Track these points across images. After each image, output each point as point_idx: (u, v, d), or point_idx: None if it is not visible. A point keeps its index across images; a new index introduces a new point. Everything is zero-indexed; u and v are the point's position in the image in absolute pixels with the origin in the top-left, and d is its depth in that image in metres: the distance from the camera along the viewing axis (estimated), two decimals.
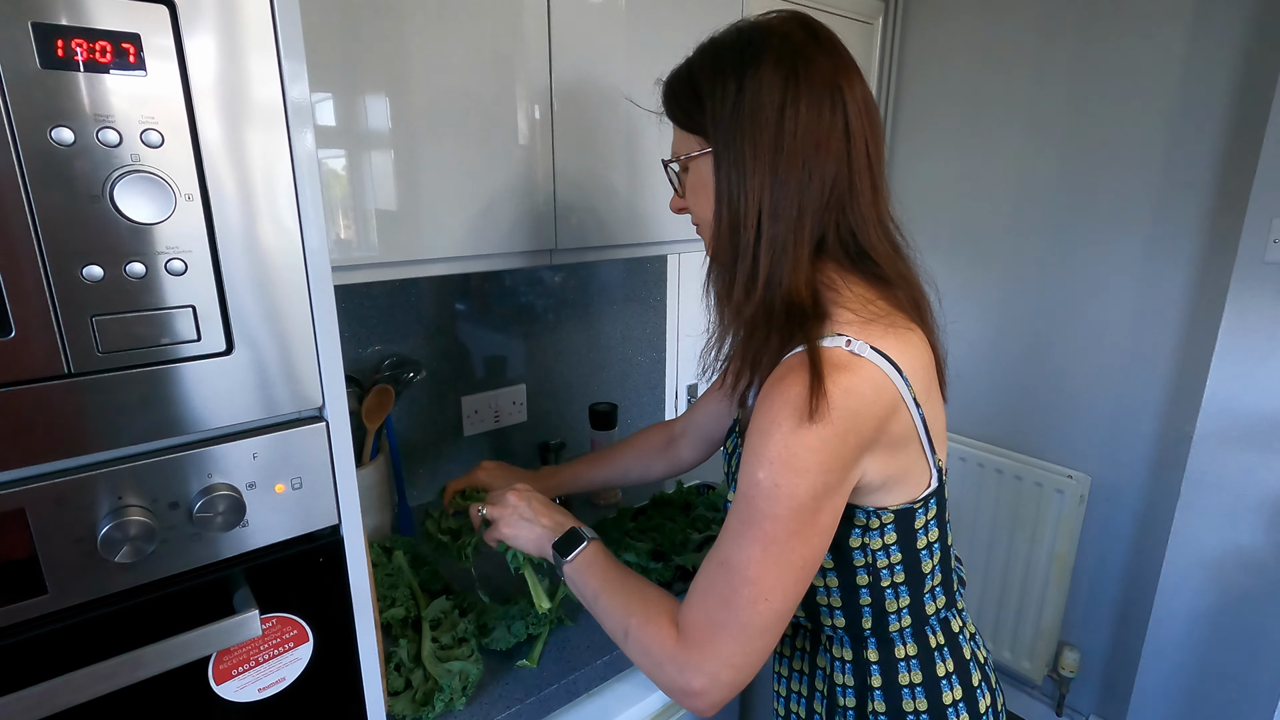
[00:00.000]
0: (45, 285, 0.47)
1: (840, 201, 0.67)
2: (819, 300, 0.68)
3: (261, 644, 0.62)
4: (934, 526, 0.74)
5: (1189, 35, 1.53)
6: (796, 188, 0.65)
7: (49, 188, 0.46)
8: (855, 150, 0.66)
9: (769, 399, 0.63)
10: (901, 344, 0.66)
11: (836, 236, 0.68)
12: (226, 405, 0.56)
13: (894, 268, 0.70)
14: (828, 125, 0.65)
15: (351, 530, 0.65)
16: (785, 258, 0.66)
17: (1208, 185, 1.55)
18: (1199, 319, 1.61)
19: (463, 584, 1.09)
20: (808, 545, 0.63)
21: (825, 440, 0.61)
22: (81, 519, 0.51)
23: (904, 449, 0.67)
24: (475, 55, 0.93)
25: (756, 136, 0.65)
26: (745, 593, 0.63)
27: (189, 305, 0.53)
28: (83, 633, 0.53)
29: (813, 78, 0.65)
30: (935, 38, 1.96)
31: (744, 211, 0.66)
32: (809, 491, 0.61)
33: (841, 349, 0.63)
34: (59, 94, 0.46)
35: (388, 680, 0.84)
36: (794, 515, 0.62)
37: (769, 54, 0.65)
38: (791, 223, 0.65)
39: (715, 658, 0.64)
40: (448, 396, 1.40)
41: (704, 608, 0.65)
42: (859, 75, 0.68)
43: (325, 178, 0.87)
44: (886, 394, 0.64)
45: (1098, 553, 1.88)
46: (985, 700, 0.78)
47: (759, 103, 0.64)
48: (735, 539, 0.64)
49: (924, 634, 0.76)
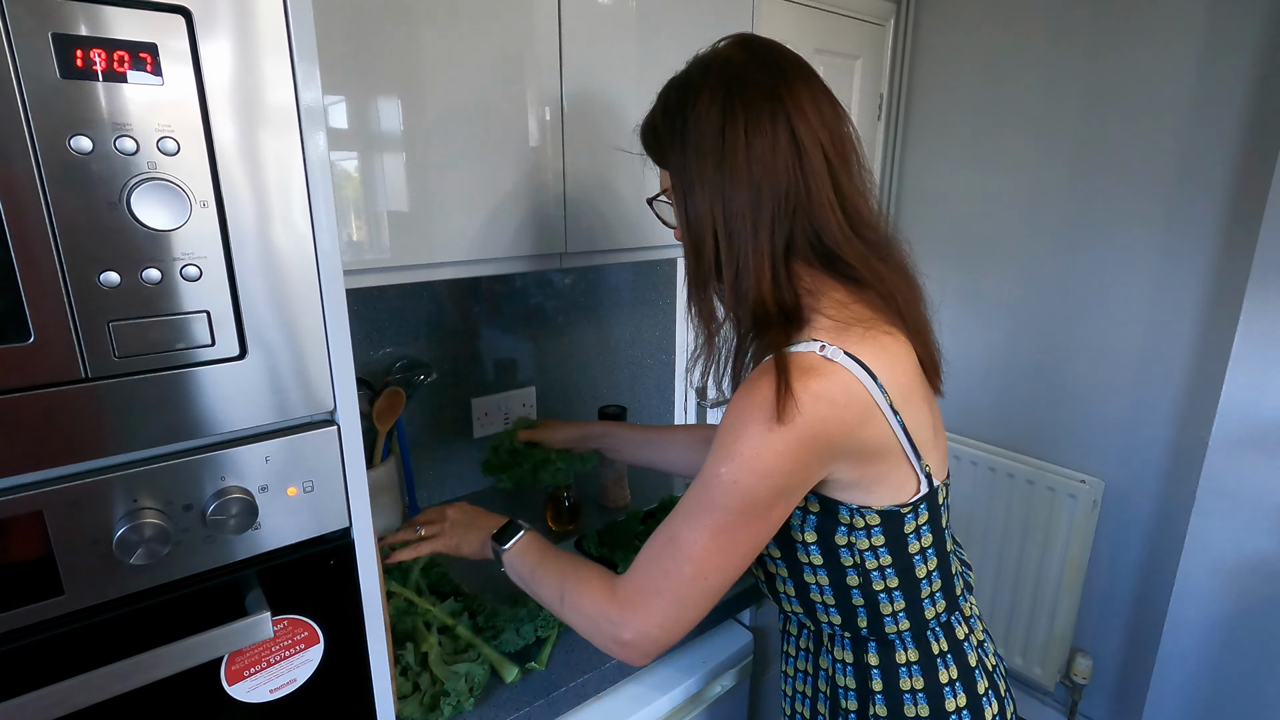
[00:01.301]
0: (63, 291, 0.48)
1: (799, 207, 0.68)
2: (799, 307, 0.70)
3: (273, 645, 0.63)
4: (927, 532, 0.74)
5: (1203, 40, 1.51)
6: (747, 203, 0.67)
7: (68, 195, 0.47)
8: (807, 156, 0.67)
9: (740, 400, 0.66)
10: (877, 349, 0.67)
11: (804, 240, 0.69)
12: (240, 409, 0.57)
13: (867, 266, 0.70)
14: (770, 139, 0.66)
15: (362, 533, 0.66)
16: (746, 271, 0.68)
17: (1222, 190, 1.54)
18: (1214, 323, 1.59)
19: (472, 585, 1.10)
20: (754, 535, 0.68)
21: (790, 445, 0.63)
22: (97, 521, 0.52)
23: (881, 455, 0.69)
24: (486, 60, 0.94)
25: (701, 161, 0.68)
26: (687, 569, 0.68)
27: (204, 311, 0.53)
28: (99, 633, 0.54)
29: (748, 95, 0.67)
30: (947, 40, 1.96)
31: (701, 233, 0.70)
32: (766, 492, 0.65)
33: (815, 354, 0.65)
34: (78, 103, 0.46)
35: (396, 683, 0.84)
36: (747, 510, 0.66)
37: (706, 82, 0.69)
38: (748, 237, 0.68)
39: (648, 618, 0.70)
40: (458, 399, 1.40)
41: (646, 574, 0.71)
42: (806, 81, 0.69)
43: (337, 181, 0.87)
44: (858, 399, 0.65)
45: (1111, 558, 1.87)
46: (992, 708, 0.78)
47: (700, 130, 0.68)
48: (686, 520, 0.69)
49: (925, 639, 0.76)
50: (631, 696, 1.00)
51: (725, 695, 1.11)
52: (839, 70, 1.93)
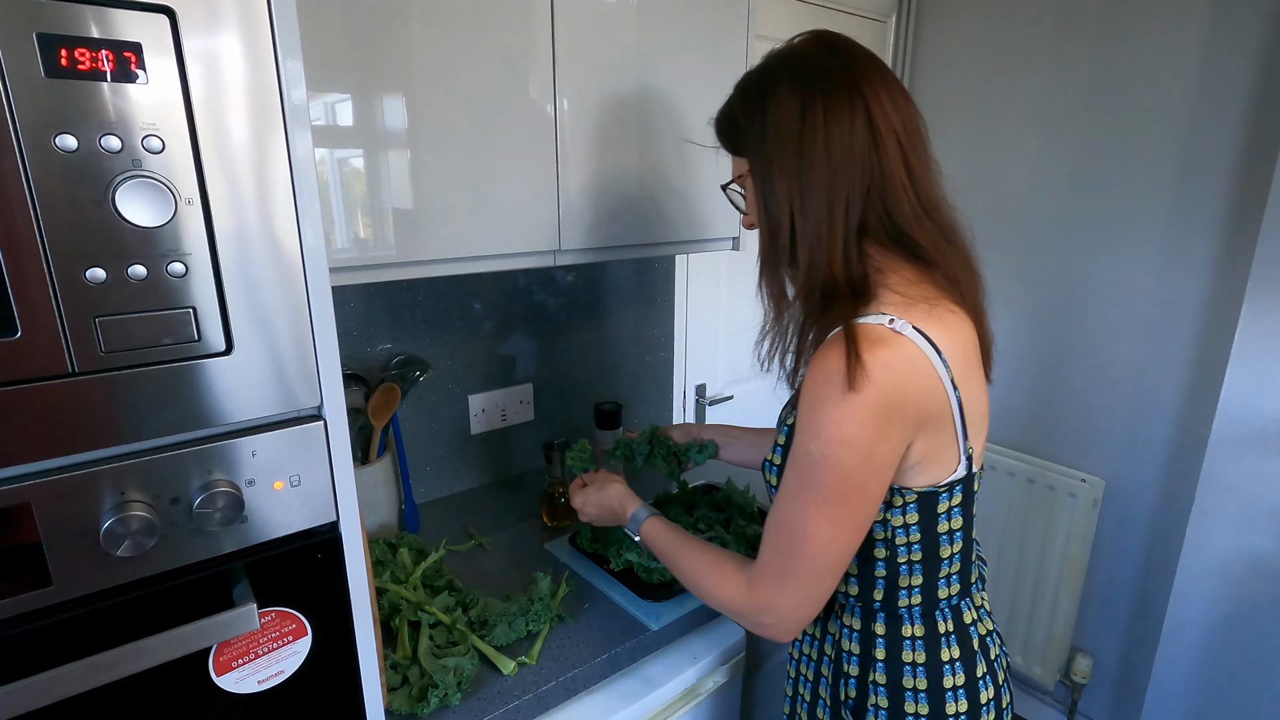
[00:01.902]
0: (50, 287, 0.49)
1: (873, 188, 0.72)
2: (866, 283, 0.73)
3: (261, 637, 0.64)
4: (957, 514, 0.77)
5: (1206, 36, 1.50)
6: (824, 183, 0.71)
7: (53, 193, 0.48)
8: (883, 141, 0.71)
9: (812, 375, 0.69)
10: (942, 326, 0.71)
11: (877, 220, 0.73)
12: (226, 404, 0.57)
13: (935, 246, 0.74)
14: (848, 123, 0.70)
15: (350, 527, 0.67)
16: (820, 248, 0.72)
17: (1224, 189, 1.53)
18: (1215, 322, 1.58)
19: (466, 580, 1.11)
20: (858, 510, 0.70)
21: (865, 411, 0.66)
22: (85, 513, 0.53)
23: (939, 429, 0.72)
24: (483, 58, 0.94)
25: (781, 145, 0.72)
26: (805, 549, 0.71)
27: (189, 307, 0.54)
28: (87, 624, 0.55)
29: (828, 85, 0.71)
30: (949, 36, 1.95)
31: (778, 213, 0.74)
32: (855, 461, 0.68)
33: (883, 326, 0.68)
34: (63, 102, 0.47)
35: (385, 675, 0.85)
36: (842, 483, 0.68)
37: (785, 73, 0.73)
38: (822, 216, 0.71)
39: (784, 602, 0.73)
40: (455, 395, 1.41)
41: (771, 562, 0.74)
42: (881, 73, 0.73)
43: (332, 179, 0.88)
44: (923, 370, 0.68)
45: (1111, 558, 1.86)
46: (988, 693, 0.80)
47: (780, 115, 0.72)
48: (791, 503, 0.72)
49: (933, 617, 0.79)
50: (622, 692, 1.00)
51: (718, 691, 1.12)
52: None
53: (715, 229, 1.31)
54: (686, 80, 1.18)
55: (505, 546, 1.23)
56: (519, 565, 1.17)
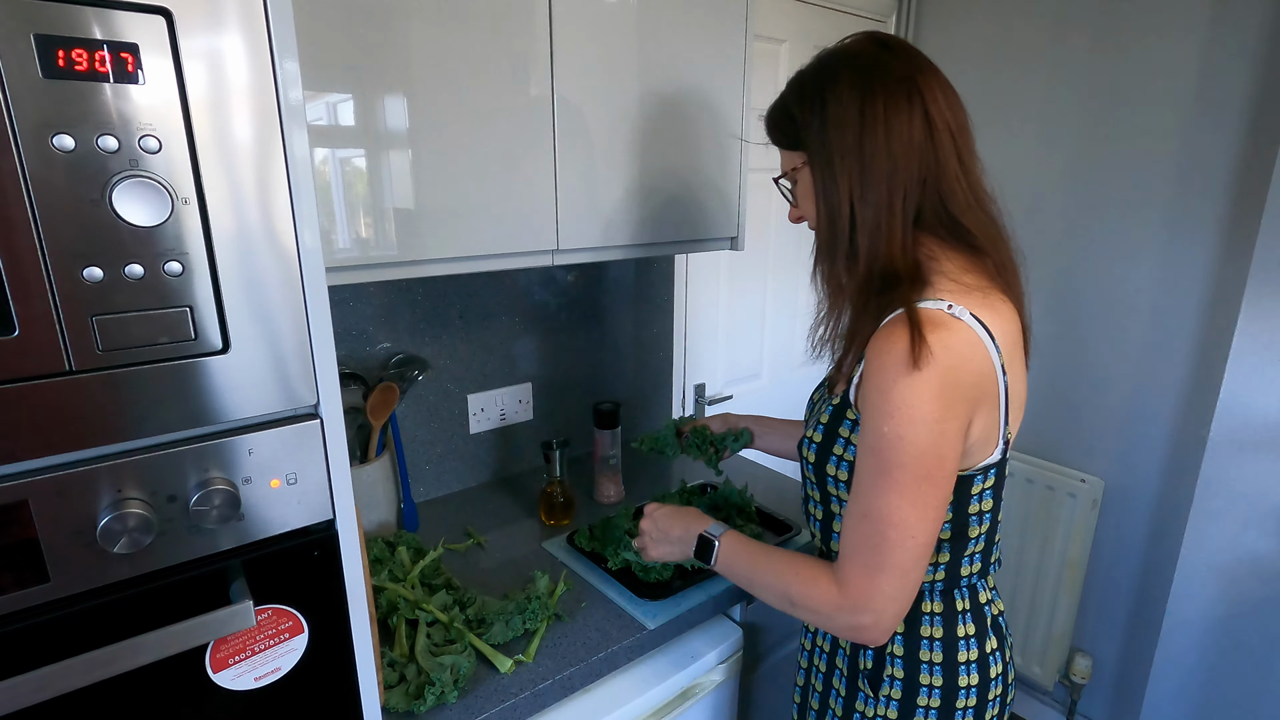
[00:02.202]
0: (47, 286, 0.49)
1: (929, 178, 0.75)
2: (921, 270, 0.76)
3: (257, 634, 0.64)
4: (989, 496, 0.80)
5: (1205, 37, 1.50)
6: (884, 175, 0.74)
7: (51, 192, 0.48)
8: (938, 134, 0.75)
9: (877, 358, 0.71)
10: (994, 314, 0.74)
11: (931, 210, 0.76)
12: (223, 402, 0.58)
13: (985, 233, 0.78)
14: (906, 116, 0.74)
15: (346, 525, 0.67)
16: (880, 236, 0.75)
17: (1223, 189, 1.53)
18: (1214, 323, 1.58)
19: (464, 579, 1.11)
20: (937, 488, 0.71)
21: (933, 387, 0.68)
22: (82, 511, 0.53)
23: (990, 413, 0.74)
24: (481, 58, 0.94)
25: (842, 140, 0.75)
26: (892, 535, 0.71)
27: (186, 306, 0.55)
28: (84, 620, 0.55)
29: (887, 79, 0.74)
30: (948, 36, 1.95)
31: (837, 203, 0.77)
32: (930, 437, 0.69)
33: (942, 310, 0.71)
34: (60, 102, 0.47)
35: (383, 673, 0.85)
36: (919, 462, 0.70)
37: (845, 70, 0.76)
38: (882, 205, 0.75)
39: (879, 598, 0.73)
40: (454, 394, 1.42)
41: (858, 558, 0.74)
42: (933, 70, 0.77)
43: (333, 179, 0.89)
44: (980, 354, 0.71)
45: (1111, 558, 1.86)
46: (997, 668, 0.84)
47: (841, 111, 0.75)
48: (871, 490, 0.72)
49: (952, 595, 0.82)
50: (618, 690, 1.01)
51: (714, 690, 1.12)
52: None
53: (714, 229, 1.32)
54: (685, 80, 1.19)
55: (504, 545, 1.24)
56: (517, 564, 1.17)
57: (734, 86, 1.26)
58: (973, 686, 0.82)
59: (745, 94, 1.28)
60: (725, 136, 1.28)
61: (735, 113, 1.28)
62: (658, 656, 1.07)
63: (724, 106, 1.26)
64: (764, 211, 1.87)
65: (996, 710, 0.85)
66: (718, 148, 1.27)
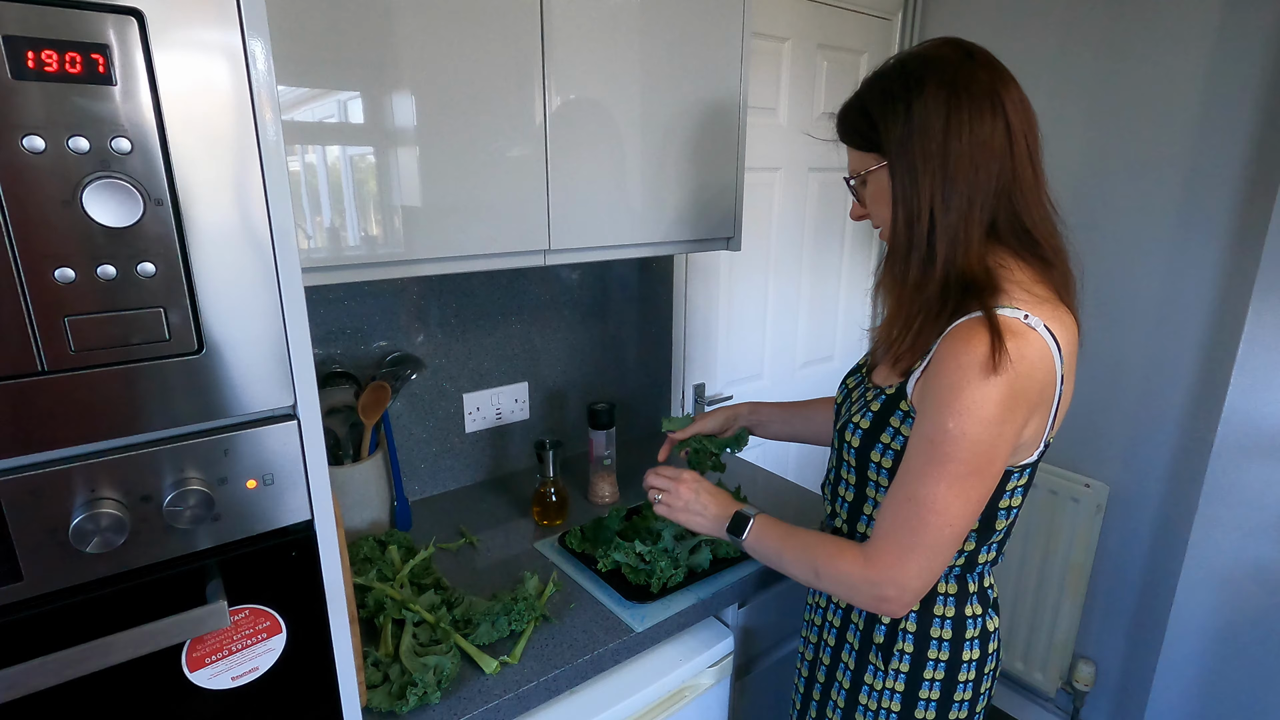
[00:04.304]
0: (18, 286, 0.49)
1: (1006, 189, 0.77)
2: (993, 277, 0.78)
3: (234, 634, 0.64)
4: (1019, 494, 0.84)
5: (1214, 41, 1.47)
6: (966, 183, 0.76)
7: (21, 194, 0.48)
8: (1016, 145, 0.76)
9: (954, 357, 0.73)
10: (1061, 326, 0.77)
11: (1005, 219, 0.78)
12: (197, 403, 0.58)
13: (1052, 245, 0.81)
14: (989, 127, 0.75)
15: (325, 525, 0.67)
16: (959, 242, 0.77)
17: (1230, 195, 1.50)
18: (1220, 328, 1.55)
19: (455, 579, 1.11)
20: (983, 483, 0.75)
21: (1005, 394, 0.71)
22: (55, 510, 0.54)
23: (1042, 418, 0.78)
24: (473, 57, 0.94)
25: (926, 146, 0.76)
26: (932, 521, 0.75)
27: (159, 307, 0.55)
28: (56, 619, 0.56)
29: (972, 89, 0.75)
30: (955, 33, 1.92)
31: (918, 208, 0.78)
32: (988, 438, 0.73)
33: (1019, 319, 0.73)
34: (30, 104, 0.47)
35: (365, 673, 0.85)
36: (974, 458, 0.73)
37: (930, 77, 0.77)
38: (963, 213, 0.76)
39: (905, 574, 0.77)
40: (449, 393, 1.42)
41: (893, 537, 0.78)
42: (1014, 81, 0.79)
43: (314, 178, 0.89)
44: (1049, 363, 0.74)
45: (1115, 564, 1.83)
46: (994, 644, 0.90)
47: (926, 118, 0.76)
48: (920, 478, 0.76)
49: (965, 579, 0.87)
50: (605, 693, 1.00)
51: (705, 693, 1.11)
52: (843, 66, 1.91)
53: (711, 229, 1.31)
54: (682, 78, 1.18)
55: (496, 545, 1.24)
56: (508, 564, 1.17)
57: (731, 85, 1.25)
58: (974, 660, 0.88)
59: (743, 93, 1.27)
60: (722, 136, 1.27)
61: (733, 111, 1.27)
62: (645, 659, 1.07)
63: (721, 105, 1.25)
64: (764, 211, 1.86)
65: (989, 683, 0.92)
66: (715, 147, 1.26)
